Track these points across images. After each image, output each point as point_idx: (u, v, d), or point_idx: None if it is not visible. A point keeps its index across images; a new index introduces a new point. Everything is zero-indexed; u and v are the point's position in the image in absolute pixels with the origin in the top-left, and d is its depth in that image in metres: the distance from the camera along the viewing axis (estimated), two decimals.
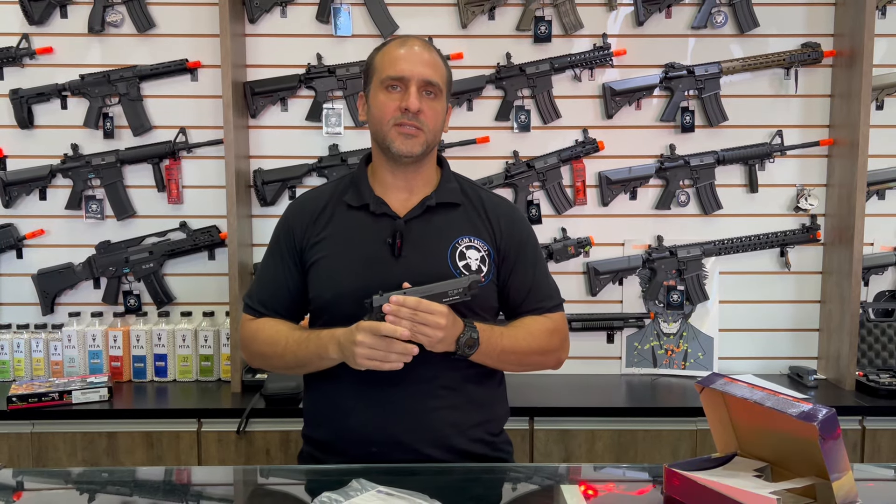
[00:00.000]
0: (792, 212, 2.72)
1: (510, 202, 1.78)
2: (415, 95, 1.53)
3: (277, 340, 1.60)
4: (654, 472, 1.49)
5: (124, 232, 2.68)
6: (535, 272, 1.67)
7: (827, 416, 1.12)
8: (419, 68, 1.54)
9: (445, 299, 1.47)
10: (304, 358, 1.56)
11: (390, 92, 1.55)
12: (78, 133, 2.65)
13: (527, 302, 1.65)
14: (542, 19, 2.63)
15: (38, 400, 2.30)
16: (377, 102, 1.57)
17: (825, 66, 2.67)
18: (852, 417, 2.35)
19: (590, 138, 2.67)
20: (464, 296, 1.49)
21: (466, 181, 1.70)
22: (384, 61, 1.57)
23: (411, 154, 1.55)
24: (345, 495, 1.25)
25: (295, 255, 1.63)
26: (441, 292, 1.47)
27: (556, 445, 2.33)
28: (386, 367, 1.43)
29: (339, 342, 1.47)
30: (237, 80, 2.54)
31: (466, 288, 1.49)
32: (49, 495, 1.47)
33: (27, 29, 2.61)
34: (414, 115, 1.53)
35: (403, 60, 1.55)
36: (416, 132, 1.54)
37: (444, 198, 1.62)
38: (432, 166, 1.66)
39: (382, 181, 1.63)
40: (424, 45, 1.59)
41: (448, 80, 1.62)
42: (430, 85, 1.55)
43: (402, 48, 1.57)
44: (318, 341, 1.52)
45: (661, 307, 2.72)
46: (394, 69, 1.55)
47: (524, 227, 1.70)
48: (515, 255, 1.64)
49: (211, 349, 2.60)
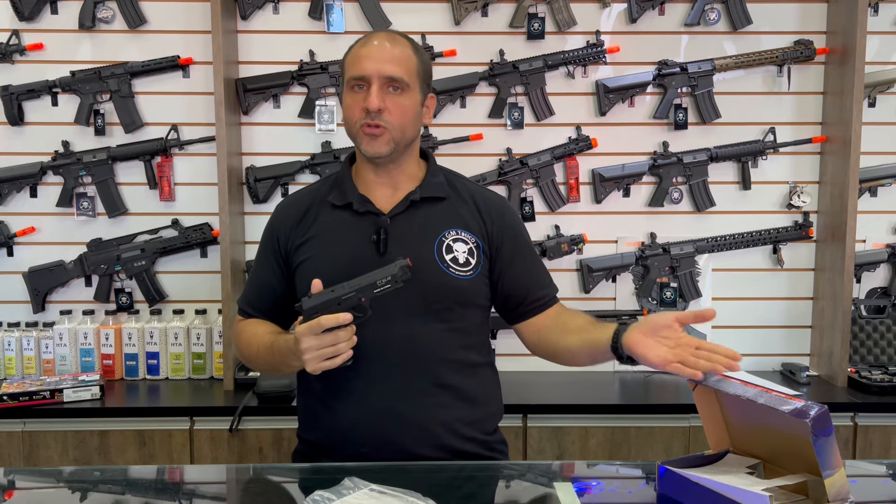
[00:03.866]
0: (785, 209, 2.73)
1: (499, 194, 1.77)
2: (375, 94, 1.50)
3: (252, 343, 1.61)
4: (647, 470, 1.48)
5: (116, 229, 2.67)
6: (533, 264, 1.67)
7: (819, 412, 1.12)
8: (379, 65, 1.51)
9: (376, 290, 1.42)
10: (274, 364, 1.57)
11: (356, 92, 1.53)
12: (69, 130, 2.64)
13: (531, 294, 1.64)
14: (536, 16, 2.62)
15: (30, 398, 2.28)
16: (346, 104, 1.56)
17: (818, 64, 2.67)
18: (844, 414, 2.36)
19: (583, 135, 2.67)
20: (395, 283, 1.42)
21: (453, 174, 1.68)
22: (350, 61, 1.56)
23: (378, 154, 1.54)
24: (337, 494, 1.25)
25: (280, 258, 1.63)
26: (369, 283, 1.42)
27: (550, 443, 2.33)
28: (339, 361, 1.40)
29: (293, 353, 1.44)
30: (229, 77, 2.52)
31: (396, 274, 1.42)
32: (40, 494, 1.46)
33: (17, 25, 2.59)
34: (377, 114, 1.51)
35: (365, 58, 1.52)
36: (379, 132, 1.52)
37: (429, 192, 1.61)
38: (414, 161, 1.64)
39: (365, 179, 1.62)
40: (390, 39, 1.56)
41: (420, 72, 1.57)
42: (394, 80, 1.52)
43: (364, 46, 1.55)
44: (280, 352, 1.51)
45: (655, 304, 2.72)
46: (356, 68, 1.53)
47: (515, 219, 1.69)
48: (511, 246, 1.63)
49: (203, 347, 2.59)
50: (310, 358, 1.40)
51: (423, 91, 1.59)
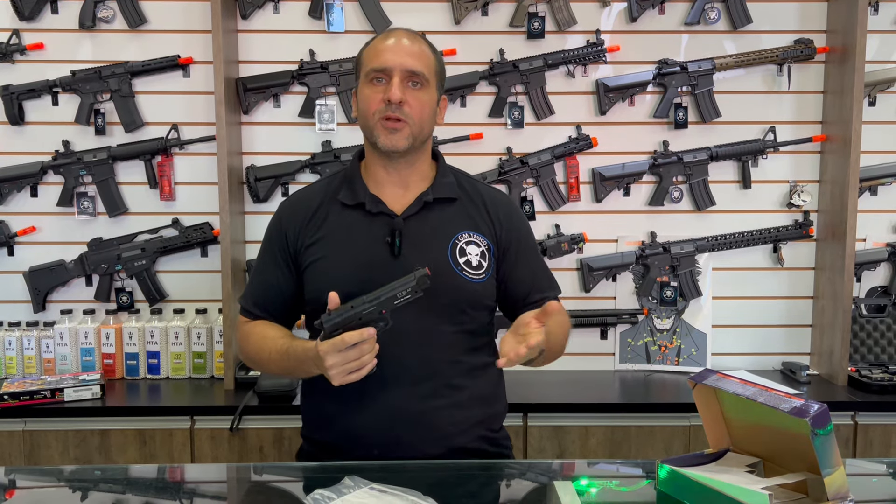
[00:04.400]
0: (785, 208, 2.72)
1: (506, 194, 1.77)
2: (397, 86, 1.50)
3: (263, 347, 1.59)
4: (647, 468, 1.48)
5: (116, 229, 2.67)
6: (535, 263, 1.67)
7: (819, 411, 1.12)
8: (401, 59, 1.52)
9: (397, 302, 1.39)
10: (287, 368, 1.56)
11: (375, 85, 1.53)
12: (69, 130, 2.64)
13: (531, 294, 1.64)
14: (536, 15, 2.62)
15: (30, 398, 2.29)
16: (363, 96, 1.55)
17: (818, 63, 2.67)
18: (844, 413, 2.36)
19: (583, 135, 2.67)
20: (415, 293, 1.40)
21: (462, 174, 1.68)
22: (370, 54, 1.56)
23: (396, 148, 1.53)
24: (337, 492, 1.25)
25: (288, 258, 1.61)
26: (389, 297, 1.39)
27: (550, 441, 2.33)
28: (364, 372, 1.40)
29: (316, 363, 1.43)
30: (229, 77, 2.52)
31: (416, 285, 1.40)
32: (41, 493, 1.46)
33: (17, 25, 2.59)
34: (397, 106, 1.50)
35: (387, 52, 1.53)
36: (400, 125, 1.52)
37: (441, 193, 1.60)
38: (426, 160, 1.64)
39: (376, 177, 1.60)
40: (411, 36, 1.57)
41: (437, 71, 1.59)
42: (415, 75, 1.53)
43: (386, 40, 1.55)
44: (297, 358, 1.50)
45: (655, 303, 2.72)
46: (377, 61, 1.53)
47: (522, 219, 1.70)
48: (516, 248, 1.63)
49: (204, 346, 2.59)
50: (335, 373, 1.39)
51: (438, 91, 1.60)
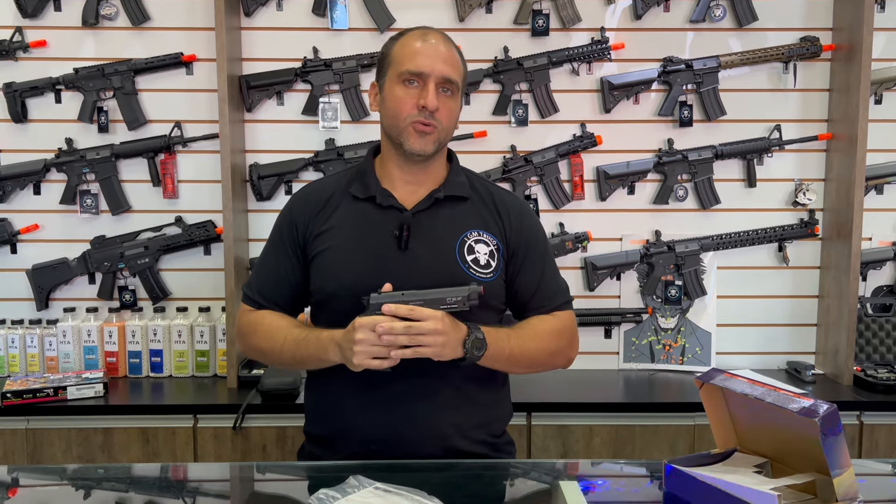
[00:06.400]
0: (790, 206, 2.71)
1: (520, 197, 1.76)
2: (433, 93, 1.49)
3: (275, 336, 1.57)
4: (652, 468, 1.48)
5: (119, 227, 2.66)
6: (544, 269, 1.64)
7: (828, 411, 1.12)
8: (439, 65, 1.51)
9: (443, 306, 1.42)
10: (302, 357, 1.54)
11: (408, 87, 1.52)
12: (72, 127, 2.63)
13: (535, 299, 1.62)
14: (540, 13, 2.61)
15: (33, 396, 2.28)
16: (393, 96, 1.53)
17: (824, 60, 2.66)
18: (850, 413, 2.35)
19: (588, 133, 2.66)
20: (462, 305, 1.42)
21: (475, 175, 1.68)
22: (403, 53, 1.53)
23: (424, 152, 1.53)
24: (342, 492, 1.24)
25: (297, 247, 1.60)
26: (438, 298, 1.42)
27: (554, 441, 2.32)
28: (386, 364, 1.40)
29: (339, 344, 1.44)
30: (233, 74, 2.52)
31: (465, 297, 1.42)
32: (44, 492, 1.45)
33: (20, 22, 2.59)
34: (431, 113, 1.50)
35: (422, 55, 1.51)
36: (431, 130, 1.52)
37: (453, 191, 1.59)
38: (442, 162, 1.64)
39: (390, 174, 1.60)
40: (444, 40, 1.56)
41: (464, 77, 1.58)
42: (449, 82, 1.52)
43: (421, 41, 1.53)
44: (318, 343, 1.49)
45: (659, 302, 2.72)
46: (413, 63, 1.51)
47: (534, 223, 1.68)
48: (525, 251, 1.61)
49: (207, 345, 2.59)
50: (360, 350, 1.39)
51: (462, 97, 1.60)
